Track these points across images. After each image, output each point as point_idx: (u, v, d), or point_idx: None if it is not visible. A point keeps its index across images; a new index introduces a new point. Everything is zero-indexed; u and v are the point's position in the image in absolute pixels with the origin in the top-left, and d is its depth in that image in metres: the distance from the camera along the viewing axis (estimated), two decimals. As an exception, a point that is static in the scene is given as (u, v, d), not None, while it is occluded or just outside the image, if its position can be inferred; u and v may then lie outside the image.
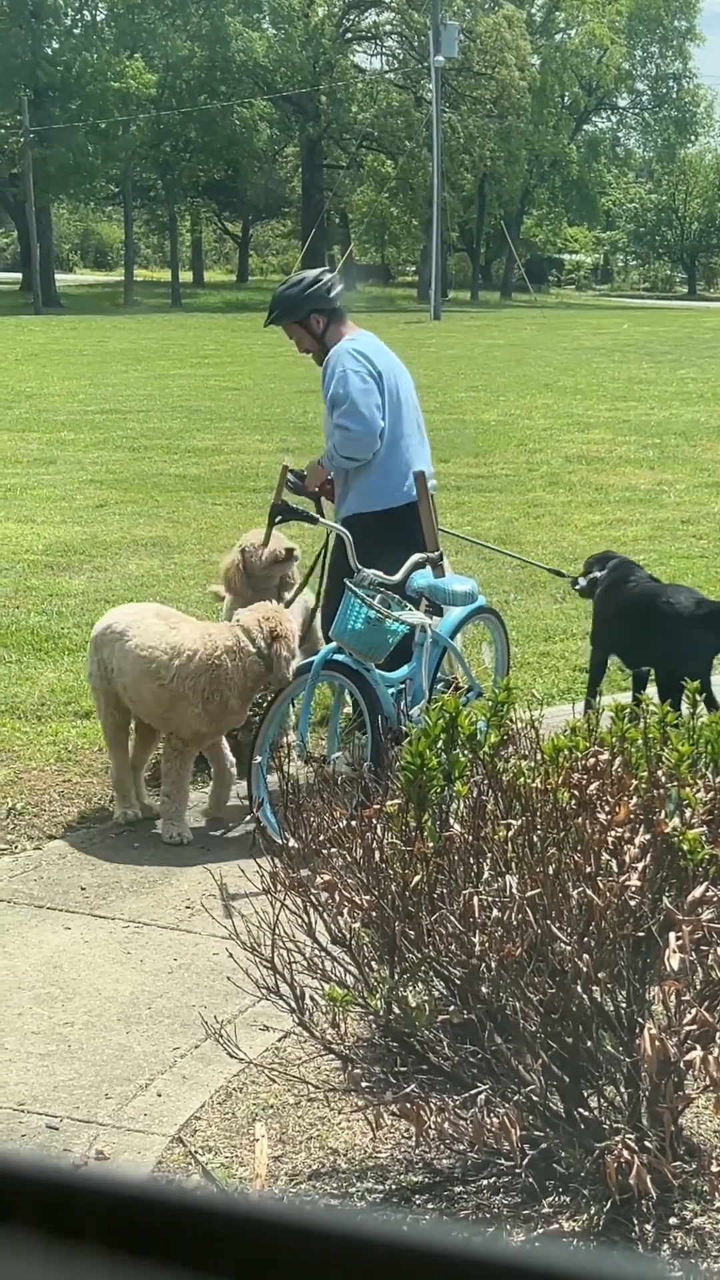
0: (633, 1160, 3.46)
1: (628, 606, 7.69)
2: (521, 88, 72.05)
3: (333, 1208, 3.86)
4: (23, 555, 12.41)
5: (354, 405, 6.99)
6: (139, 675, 6.60)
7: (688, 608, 7.39)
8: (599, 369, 31.61)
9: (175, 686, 6.55)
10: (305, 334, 7.32)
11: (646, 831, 3.76)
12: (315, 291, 7.21)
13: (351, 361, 7.07)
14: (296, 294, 7.24)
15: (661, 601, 7.48)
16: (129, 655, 6.60)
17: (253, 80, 72.09)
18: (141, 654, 6.58)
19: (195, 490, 15.74)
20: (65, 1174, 0.96)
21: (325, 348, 7.27)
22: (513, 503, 15.06)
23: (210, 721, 6.64)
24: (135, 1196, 0.95)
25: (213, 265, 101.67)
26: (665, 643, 7.39)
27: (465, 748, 4.22)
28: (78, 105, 65.28)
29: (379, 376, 7.12)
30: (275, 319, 7.39)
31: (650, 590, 7.84)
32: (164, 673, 6.56)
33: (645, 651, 7.68)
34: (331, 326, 7.29)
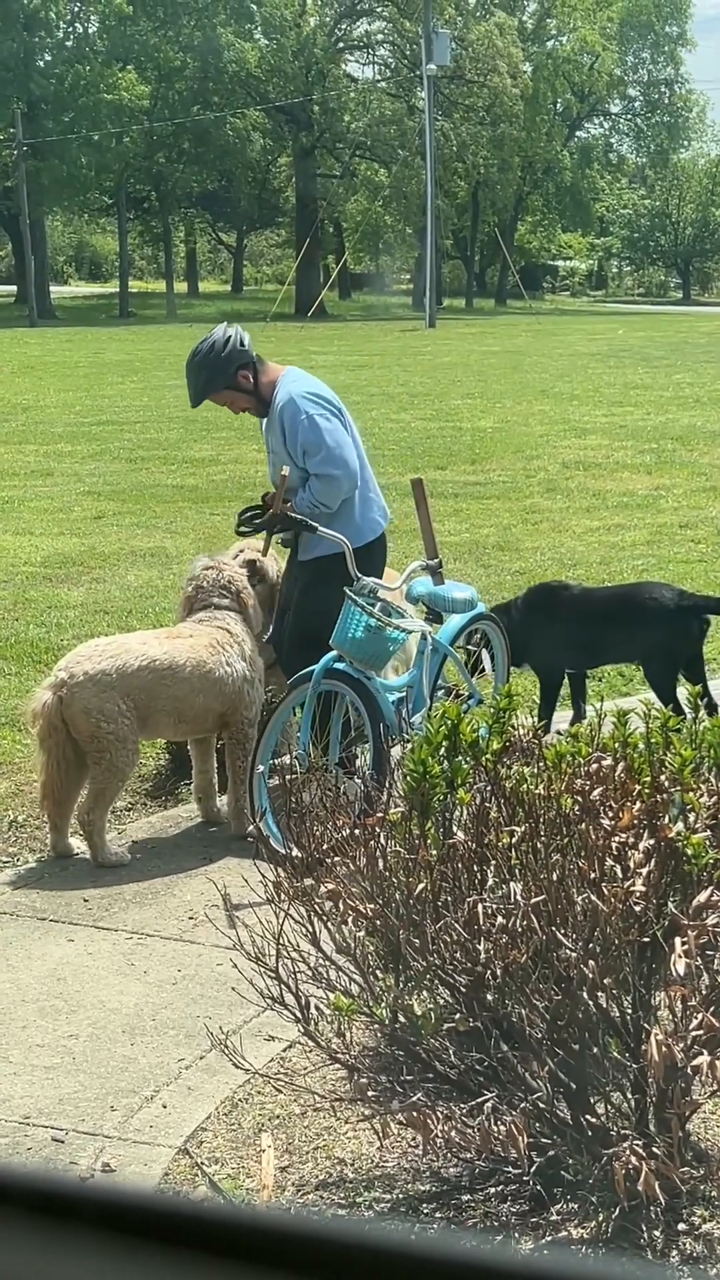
0: (641, 1166, 3.46)
1: (594, 612, 7.83)
2: (514, 95, 72.10)
3: (338, 1218, 3.85)
4: (21, 567, 12.40)
5: (331, 452, 6.79)
6: (197, 690, 6.64)
7: (672, 599, 7.60)
8: (595, 375, 31.62)
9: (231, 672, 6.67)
10: (238, 395, 7.03)
11: (650, 837, 3.75)
12: (232, 349, 6.92)
13: (313, 406, 6.85)
14: (217, 357, 6.92)
15: (647, 598, 7.64)
16: (182, 680, 6.60)
17: (245, 90, 72.19)
18: (201, 671, 6.63)
19: (193, 500, 15.74)
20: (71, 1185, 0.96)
21: (262, 399, 7.02)
22: (510, 509, 15.05)
23: (260, 685, 6.86)
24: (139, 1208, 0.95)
25: (207, 275, 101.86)
26: (656, 635, 7.54)
27: (467, 755, 4.21)
28: (71, 117, 65.41)
29: (340, 413, 6.98)
30: (204, 391, 7.04)
31: (617, 591, 8.25)
32: (221, 671, 6.65)
33: (626, 650, 7.86)
34: (260, 377, 7.02)
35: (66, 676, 6.47)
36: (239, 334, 7.02)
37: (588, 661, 8.13)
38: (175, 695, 6.60)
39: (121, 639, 6.92)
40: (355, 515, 6.96)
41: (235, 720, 6.80)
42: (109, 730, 6.44)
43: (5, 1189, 0.96)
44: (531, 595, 8.19)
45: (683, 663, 7.63)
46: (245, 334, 7.08)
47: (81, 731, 6.46)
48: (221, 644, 6.73)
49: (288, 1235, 0.91)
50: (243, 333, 7.07)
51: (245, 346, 6.99)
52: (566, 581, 8.97)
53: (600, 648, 7.96)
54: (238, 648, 6.77)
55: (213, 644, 6.72)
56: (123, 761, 6.54)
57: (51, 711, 6.45)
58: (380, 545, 7.12)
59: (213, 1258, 0.91)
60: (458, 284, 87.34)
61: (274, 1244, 0.91)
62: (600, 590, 8.63)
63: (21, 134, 62.54)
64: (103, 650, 6.60)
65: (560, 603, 8.00)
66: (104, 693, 6.43)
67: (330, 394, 7.04)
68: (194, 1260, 0.91)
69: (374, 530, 7.06)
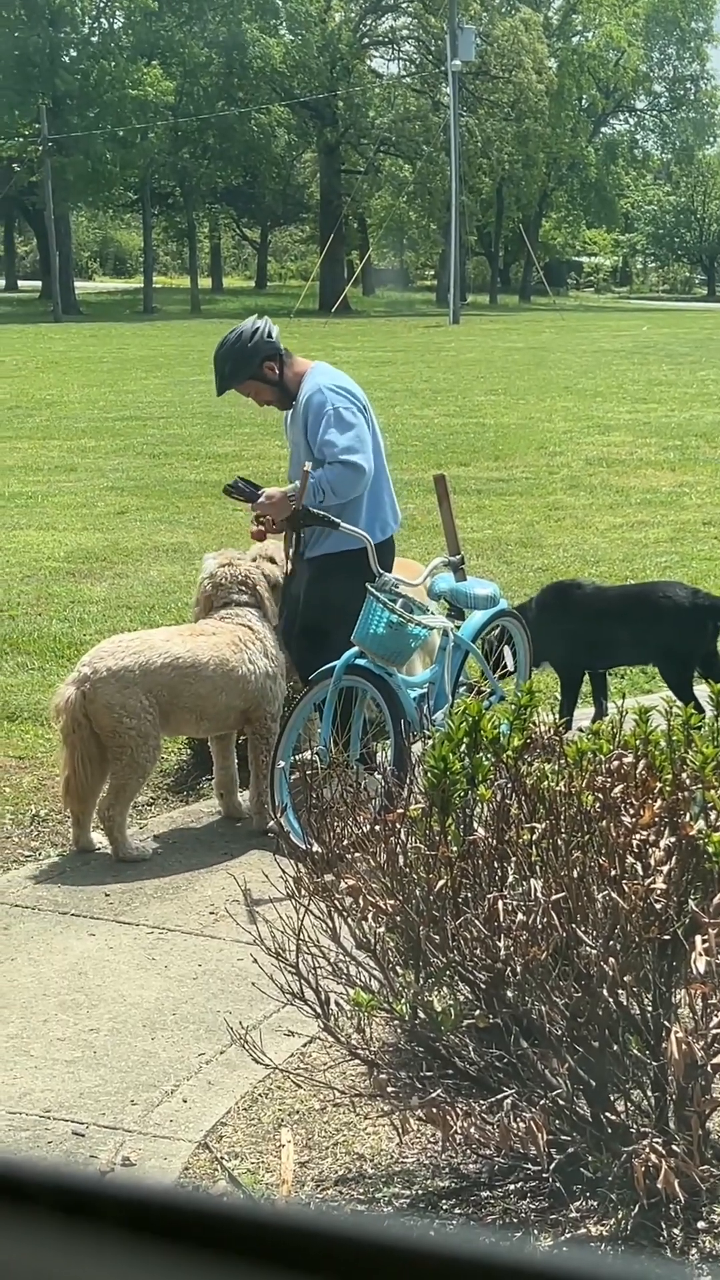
0: (660, 1164, 3.45)
1: (607, 611, 7.82)
2: (539, 91, 72.01)
3: (354, 1214, 3.86)
4: (44, 562, 12.43)
5: (352, 445, 6.74)
6: (220, 688, 6.65)
7: (686, 597, 7.61)
8: (619, 371, 31.56)
9: (255, 670, 6.69)
10: (263, 386, 7.01)
11: (671, 834, 3.74)
12: (258, 340, 6.90)
13: (339, 399, 6.81)
14: (243, 348, 6.90)
15: (661, 597, 7.64)
16: (204, 678, 6.61)
17: (270, 86, 72.18)
18: (224, 669, 6.64)
19: (216, 496, 15.69)
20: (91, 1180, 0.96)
21: (287, 392, 7.00)
22: (533, 506, 15.04)
23: (281, 681, 6.84)
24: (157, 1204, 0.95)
25: (231, 271, 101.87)
26: (669, 634, 7.54)
27: (488, 751, 4.21)
28: (96, 113, 65.49)
29: (364, 410, 6.95)
30: (229, 381, 7.03)
31: (630, 591, 8.32)
32: (244, 669, 6.66)
33: (641, 650, 7.85)
34: (286, 370, 7.00)
35: (90, 671, 6.48)
36: (267, 326, 7.00)
37: (601, 661, 8.12)
38: (198, 693, 6.60)
39: (145, 635, 6.93)
40: (364, 514, 6.92)
41: (257, 716, 6.80)
42: (131, 726, 6.45)
43: (24, 1184, 0.96)
44: (545, 594, 8.20)
45: (696, 662, 7.62)
46: (274, 327, 7.06)
47: (103, 727, 6.47)
48: (245, 641, 6.73)
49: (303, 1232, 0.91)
50: (271, 325, 7.04)
51: (273, 339, 6.97)
52: (579, 580, 8.96)
53: (613, 647, 7.95)
54: (260, 644, 6.77)
55: (236, 641, 6.72)
56: (144, 757, 6.55)
57: (74, 706, 6.46)
58: (388, 547, 7.07)
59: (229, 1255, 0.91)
60: (482, 280, 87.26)
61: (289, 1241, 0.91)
62: (613, 589, 8.62)
63: (47, 129, 62.63)
64: (126, 646, 6.61)
65: (573, 601, 7.99)
66: (127, 688, 6.44)
67: (357, 390, 7.02)
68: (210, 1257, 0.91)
69: (384, 531, 7.02)
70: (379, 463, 7.02)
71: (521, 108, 71.72)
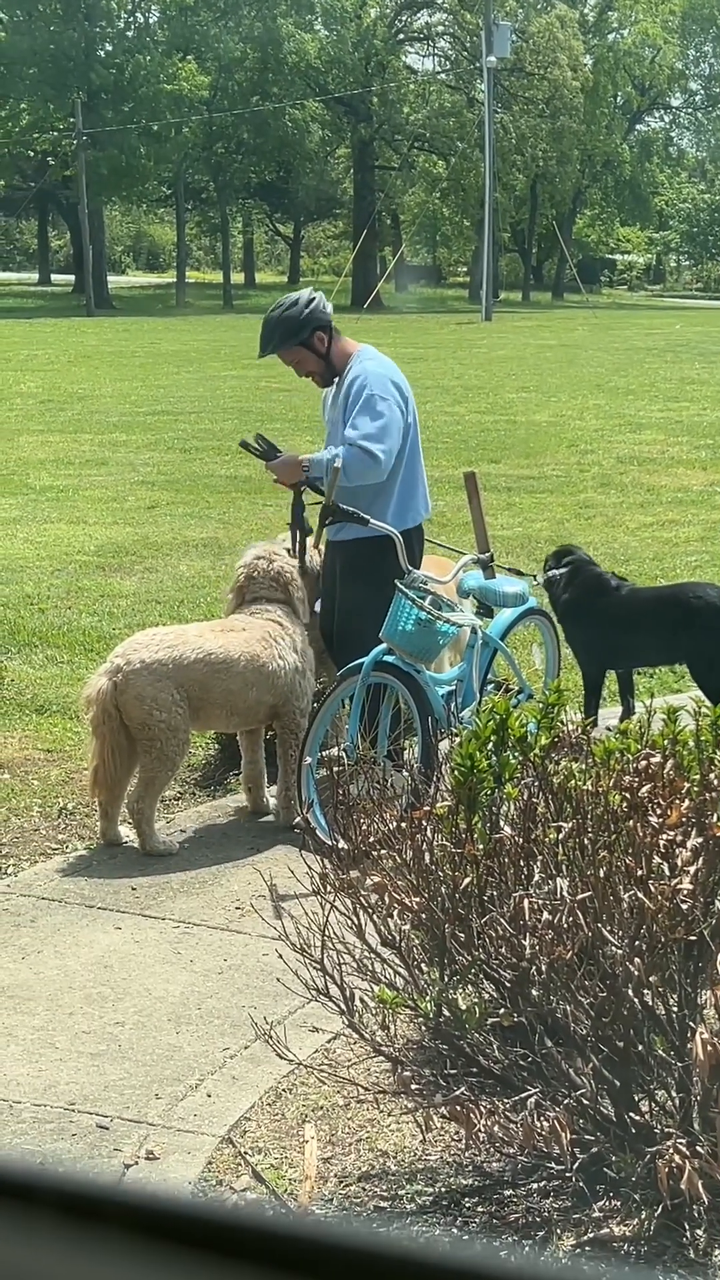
0: (684, 1165, 3.44)
1: (639, 610, 7.78)
2: (574, 88, 71.87)
3: (362, 1223, 3.86)
4: (75, 556, 12.46)
5: (379, 434, 6.72)
6: (250, 684, 6.66)
7: (718, 597, 7.57)
8: (651, 369, 31.48)
9: (284, 666, 6.70)
10: (309, 355, 6.99)
11: (699, 835, 3.73)
12: (314, 310, 6.91)
13: (382, 387, 6.81)
14: (297, 314, 6.89)
15: (692, 597, 7.60)
16: (235, 674, 6.62)
17: (305, 81, 72.21)
18: (254, 665, 6.65)
19: (246, 491, 15.77)
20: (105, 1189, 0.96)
21: (331, 366, 7.00)
22: (564, 504, 15.02)
23: (310, 676, 6.83)
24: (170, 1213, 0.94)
25: (264, 266, 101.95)
26: (701, 636, 7.50)
27: (516, 750, 4.20)
28: (130, 107, 65.57)
29: (405, 402, 6.93)
30: (276, 345, 7.00)
31: (662, 592, 8.27)
32: (274, 665, 6.67)
33: (671, 651, 7.82)
34: (334, 344, 7.01)
35: (123, 663, 6.50)
36: (322, 299, 7.03)
37: (628, 661, 8.10)
38: (228, 689, 6.61)
39: (179, 629, 6.95)
40: (394, 504, 6.92)
41: (286, 712, 6.80)
42: (161, 719, 6.46)
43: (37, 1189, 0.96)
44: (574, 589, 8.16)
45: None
46: (329, 303, 7.08)
47: (133, 719, 6.48)
48: (274, 637, 6.73)
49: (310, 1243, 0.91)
50: (326, 300, 7.07)
51: (326, 311, 6.99)
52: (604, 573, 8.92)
53: (642, 647, 7.92)
54: (289, 640, 6.77)
55: (265, 637, 6.72)
56: (173, 751, 6.56)
57: (106, 698, 6.47)
58: (418, 535, 7.07)
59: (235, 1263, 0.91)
60: (515, 277, 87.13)
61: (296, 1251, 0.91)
62: (645, 590, 8.58)
63: (81, 124, 62.73)
64: (160, 640, 6.63)
65: (602, 600, 7.96)
66: (158, 681, 6.46)
67: (402, 380, 7.01)
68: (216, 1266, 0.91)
69: (414, 520, 7.01)
70: (414, 455, 7.01)
71: (556, 104, 71.60)
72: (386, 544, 6.59)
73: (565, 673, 8.07)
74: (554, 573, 7.93)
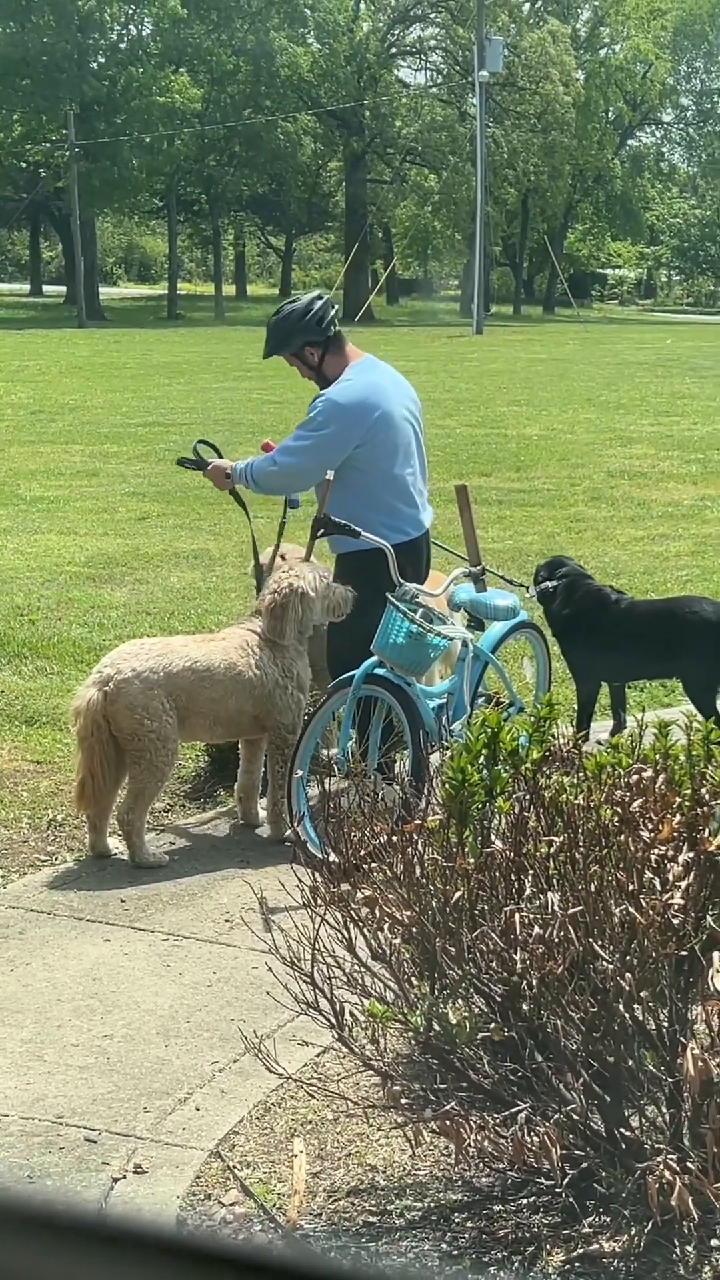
0: (674, 1181, 3.43)
1: (635, 624, 7.77)
2: (566, 103, 72.06)
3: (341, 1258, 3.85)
4: (65, 567, 12.45)
5: (293, 448, 6.84)
6: (230, 693, 6.65)
7: (715, 614, 7.57)
8: (642, 384, 31.54)
9: (263, 675, 6.68)
10: (300, 365, 7.14)
11: (690, 849, 3.73)
12: (307, 323, 6.95)
13: (331, 410, 6.84)
14: (288, 326, 6.99)
15: (687, 612, 7.60)
16: (217, 681, 6.62)
17: (297, 95, 72.37)
18: (232, 673, 6.65)
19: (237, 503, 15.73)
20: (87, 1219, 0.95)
21: (324, 378, 7.04)
22: (555, 517, 15.03)
23: (296, 692, 6.79)
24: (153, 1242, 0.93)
25: (256, 279, 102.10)
26: (696, 650, 7.49)
27: (507, 763, 4.20)
28: (123, 119, 65.66)
29: (367, 428, 6.85)
30: (271, 350, 7.18)
31: (657, 605, 8.26)
32: (251, 674, 6.67)
33: (665, 665, 7.82)
34: (329, 357, 7.04)
35: (113, 672, 6.49)
36: (323, 309, 7.01)
37: (622, 674, 8.10)
38: (211, 697, 6.62)
39: (164, 640, 6.96)
40: (385, 517, 6.90)
41: (271, 725, 6.79)
42: (151, 728, 6.45)
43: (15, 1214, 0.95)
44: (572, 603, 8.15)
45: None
46: (331, 310, 7.07)
47: (123, 729, 6.47)
48: (251, 645, 6.74)
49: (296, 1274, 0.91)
50: (328, 308, 7.06)
51: (322, 324, 6.99)
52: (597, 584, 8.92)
53: (636, 661, 7.92)
54: (269, 651, 6.75)
55: (243, 645, 6.74)
56: (162, 761, 6.55)
57: (95, 709, 6.46)
58: (412, 548, 7.04)
59: None
60: (506, 291, 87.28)
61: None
62: (641, 603, 8.58)
63: (74, 135, 62.81)
64: (148, 649, 6.64)
65: (597, 614, 7.95)
66: (149, 690, 6.46)
67: (370, 402, 6.91)
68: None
69: (408, 533, 6.97)
70: (406, 467, 6.99)
71: (548, 119, 71.77)
72: (380, 556, 6.59)
73: (556, 686, 8.07)
74: (547, 585, 7.91)
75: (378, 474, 6.90)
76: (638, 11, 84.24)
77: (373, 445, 6.89)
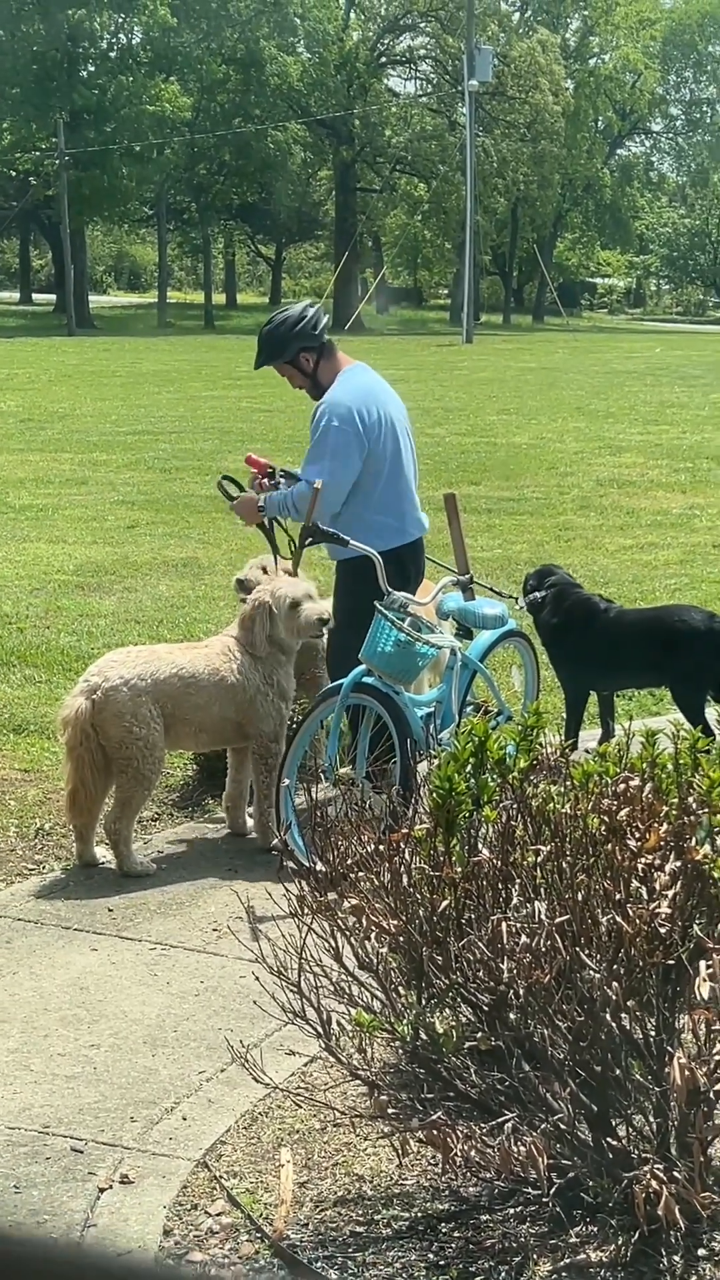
0: (661, 1190, 3.43)
1: (626, 632, 7.78)
2: (555, 112, 72.20)
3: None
4: (54, 575, 12.43)
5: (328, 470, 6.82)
6: (214, 699, 6.67)
7: (703, 623, 7.55)
8: (631, 393, 31.58)
9: (244, 681, 6.70)
10: (296, 373, 7.14)
11: (677, 859, 3.72)
12: (302, 329, 7.00)
13: (339, 415, 6.86)
14: (283, 334, 7.03)
15: (676, 620, 7.60)
16: (201, 687, 6.64)
17: (287, 104, 72.39)
18: (215, 678, 6.67)
19: (226, 512, 15.55)
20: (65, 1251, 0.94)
21: (318, 385, 7.08)
22: (544, 526, 15.03)
23: (277, 701, 6.78)
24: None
25: (245, 287, 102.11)
26: (685, 659, 7.50)
27: (494, 772, 4.19)
28: (112, 128, 65.63)
29: (370, 428, 6.91)
30: (264, 360, 7.18)
31: (647, 614, 8.28)
32: (233, 679, 6.68)
33: (655, 673, 7.82)
34: (323, 363, 7.08)
35: (101, 681, 6.49)
36: (315, 316, 7.08)
37: (611, 683, 8.10)
38: (196, 703, 6.63)
39: (149, 648, 6.98)
40: (373, 525, 6.92)
41: (254, 733, 6.79)
42: (139, 735, 6.45)
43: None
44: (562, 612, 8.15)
45: (710, 686, 7.60)
46: (322, 318, 7.15)
47: (111, 737, 6.47)
48: (233, 651, 6.77)
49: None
50: (320, 315, 7.13)
51: (316, 331, 7.04)
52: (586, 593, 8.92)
53: (627, 670, 7.93)
54: (250, 658, 6.76)
55: (225, 651, 6.78)
56: (149, 769, 6.54)
57: (83, 718, 6.45)
58: (408, 554, 7.06)
59: None
60: (496, 300, 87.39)
61: None
62: (630, 611, 8.58)
63: (64, 144, 62.78)
64: (134, 657, 6.65)
65: (588, 622, 7.96)
66: (137, 697, 6.47)
67: (376, 406, 6.98)
68: None
69: (395, 540, 6.99)
70: (395, 475, 7.02)
71: (537, 128, 71.89)
72: (394, 557, 6.70)
73: (544, 694, 8.07)
74: (536, 595, 7.92)
75: (383, 475, 6.98)
76: (627, 21, 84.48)
77: (377, 444, 6.96)
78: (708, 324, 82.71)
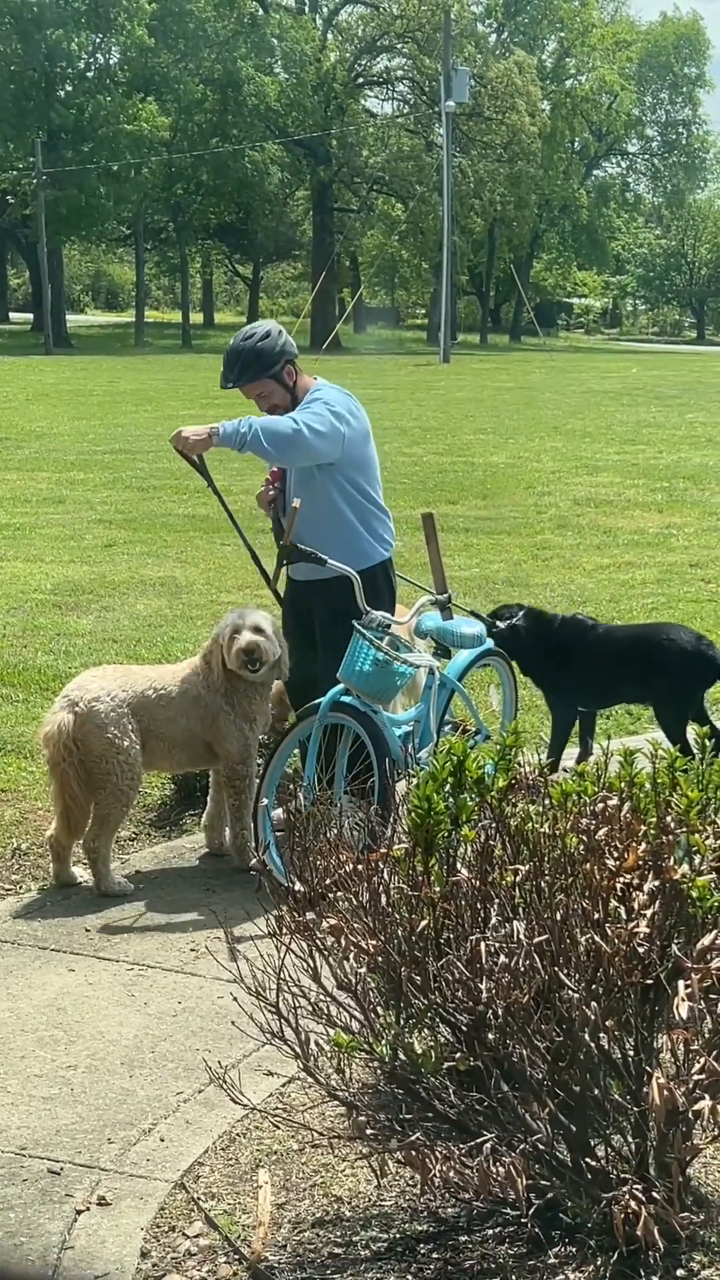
0: (640, 1211, 3.42)
1: (614, 649, 7.79)
2: (532, 133, 72.47)
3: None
4: (31, 594, 12.41)
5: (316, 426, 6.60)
6: (182, 712, 6.69)
7: (690, 642, 7.57)
8: (608, 412, 31.67)
9: (211, 698, 6.71)
10: (278, 388, 6.91)
11: (655, 878, 3.72)
12: (285, 343, 6.87)
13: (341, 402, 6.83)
14: (271, 345, 6.82)
15: (663, 639, 7.62)
16: (171, 700, 6.68)
17: (264, 124, 72.50)
18: (182, 689, 6.70)
19: (203, 530, 15.75)
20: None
21: (296, 400, 6.92)
22: (521, 545, 15.06)
23: (247, 721, 6.77)
24: None
25: (223, 307, 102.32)
26: (670, 678, 7.51)
27: (473, 791, 4.19)
28: (90, 148, 65.69)
29: (360, 420, 6.93)
30: (248, 376, 6.89)
31: (634, 631, 8.35)
32: (197, 691, 6.71)
33: (640, 691, 7.82)
34: (300, 377, 7.00)
35: (83, 694, 6.51)
36: (286, 334, 7.03)
37: (598, 701, 8.11)
38: (167, 716, 6.65)
39: (124, 666, 7.02)
40: (349, 544, 6.90)
41: (223, 753, 6.78)
42: (120, 749, 6.46)
43: None
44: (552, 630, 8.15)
45: (693, 706, 7.62)
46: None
47: (93, 750, 6.46)
48: (198, 669, 6.79)
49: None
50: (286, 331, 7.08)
51: (293, 344, 7.02)
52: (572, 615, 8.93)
53: (613, 688, 7.93)
54: (217, 678, 6.77)
55: (192, 666, 6.85)
56: (127, 784, 6.54)
57: (65, 734, 6.45)
58: (381, 572, 7.03)
59: None
60: (472, 320, 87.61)
61: None
62: (619, 629, 8.60)
63: (41, 163, 62.83)
64: (111, 673, 6.71)
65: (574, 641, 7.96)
66: (119, 708, 6.50)
67: (359, 410, 6.98)
68: None
69: (372, 558, 6.97)
70: (375, 478, 7.05)
71: (514, 149, 72.14)
72: (373, 572, 6.70)
73: (523, 714, 8.08)
74: (503, 625, 7.86)
75: (368, 481, 6.99)
76: (603, 43, 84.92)
77: (367, 444, 6.98)
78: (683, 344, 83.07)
